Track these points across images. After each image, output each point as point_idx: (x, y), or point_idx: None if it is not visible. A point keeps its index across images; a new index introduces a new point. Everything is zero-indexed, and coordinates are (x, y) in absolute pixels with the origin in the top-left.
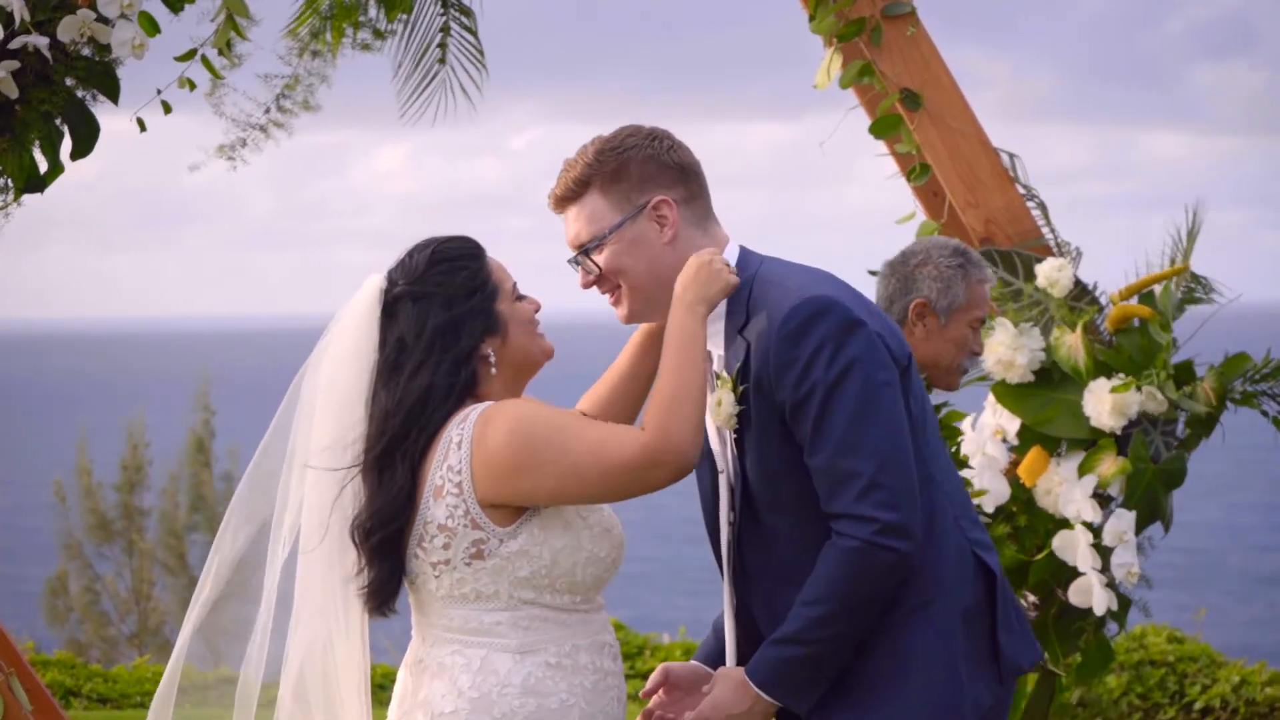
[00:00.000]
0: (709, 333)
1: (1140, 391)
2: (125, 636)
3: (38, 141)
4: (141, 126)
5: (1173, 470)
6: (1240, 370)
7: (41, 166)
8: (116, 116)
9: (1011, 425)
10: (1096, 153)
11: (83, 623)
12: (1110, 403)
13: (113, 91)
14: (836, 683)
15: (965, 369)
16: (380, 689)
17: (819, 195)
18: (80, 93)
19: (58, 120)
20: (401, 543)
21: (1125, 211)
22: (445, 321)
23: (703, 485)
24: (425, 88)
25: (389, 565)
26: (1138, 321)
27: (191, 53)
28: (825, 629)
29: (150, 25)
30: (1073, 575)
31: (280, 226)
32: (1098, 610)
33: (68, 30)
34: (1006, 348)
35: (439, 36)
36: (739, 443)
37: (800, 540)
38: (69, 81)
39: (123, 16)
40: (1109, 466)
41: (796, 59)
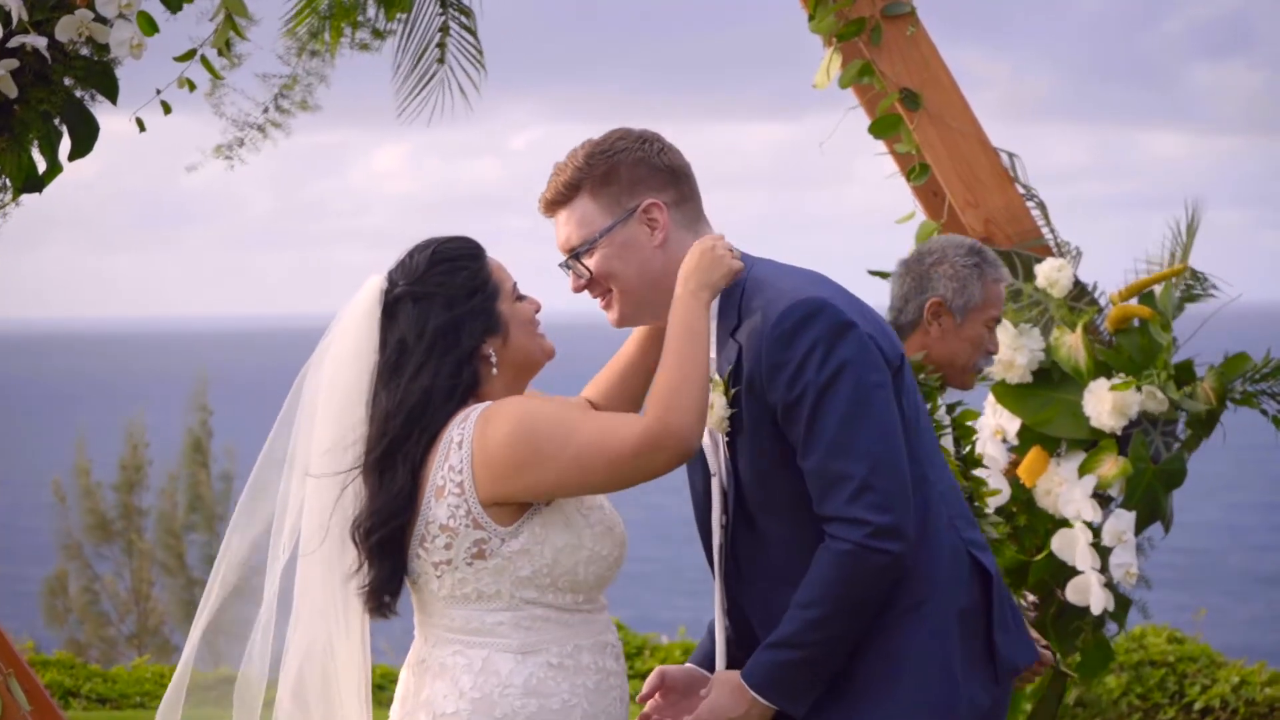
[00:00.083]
0: None
1: (1140, 391)
2: (124, 637)
3: (36, 141)
4: (141, 127)
5: (1173, 470)
6: (1240, 370)
7: (40, 166)
8: (116, 116)
9: (1011, 425)
10: (1096, 152)
11: (82, 623)
12: (1110, 403)
13: (111, 91)
14: (832, 684)
15: (980, 368)
16: (379, 689)
17: (819, 195)
18: (79, 92)
19: (56, 120)
20: (402, 542)
21: (1125, 211)
22: (446, 322)
23: (695, 488)
24: (424, 87)
25: (389, 565)
26: (1138, 322)
27: (191, 53)
28: (819, 632)
29: (148, 25)
30: (1072, 575)
31: (279, 226)
32: (1094, 610)
33: (66, 30)
34: (1006, 348)
35: (438, 36)
36: (731, 445)
37: (794, 542)
38: (67, 81)
39: (121, 16)
40: (1110, 468)
41: (796, 59)
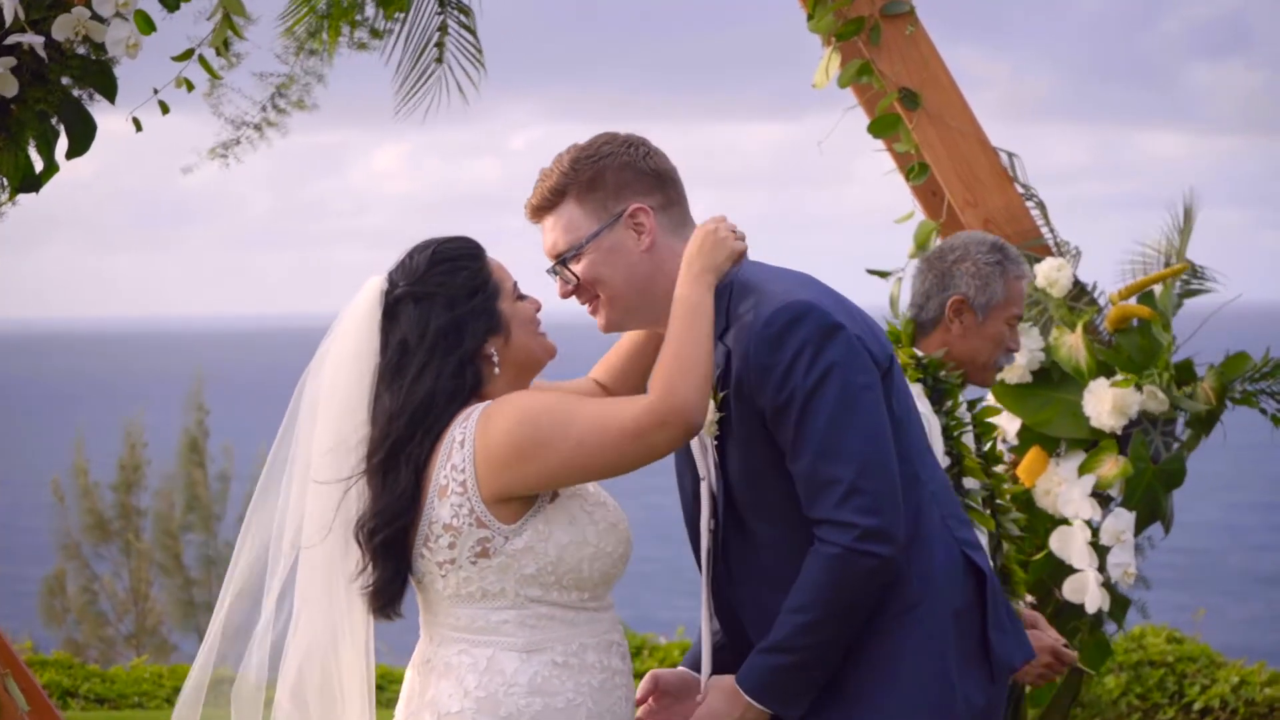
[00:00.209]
0: None
1: (1140, 391)
2: (123, 637)
3: (33, 140)
4: (138, 126)
5: (1172, 470)
6: (1240, 370)
7: (37, 166)
8: (114, 115)
9: (1011, 425)
10: (1095, 152)
11: (80, 623)
12: (1110, 402)
13: (110, 90)
14: (829, 686)
15: (1001, 366)
16: (378, 689)
17: (818, 195)
18: (76, 91)
19: (54, 119)
20: (406, 543)
21: (1124, 211)
22: (447, 322)
23: (684, 492)
24: (422, 86)
25: (393, 565)
26: (1137, 321)
27: (189, 52)
28: (811, 635)
29: (146, 24)
30: (1070, 574)
31: (279, 226)
32: (1089, 608)
33: (62, 29)
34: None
35: (436, 35)
36: (720, 449)
37: (784, 544)
38: (65, 80)
39: (118, 15)
40: (1110, 468)
41: (796, 59)
